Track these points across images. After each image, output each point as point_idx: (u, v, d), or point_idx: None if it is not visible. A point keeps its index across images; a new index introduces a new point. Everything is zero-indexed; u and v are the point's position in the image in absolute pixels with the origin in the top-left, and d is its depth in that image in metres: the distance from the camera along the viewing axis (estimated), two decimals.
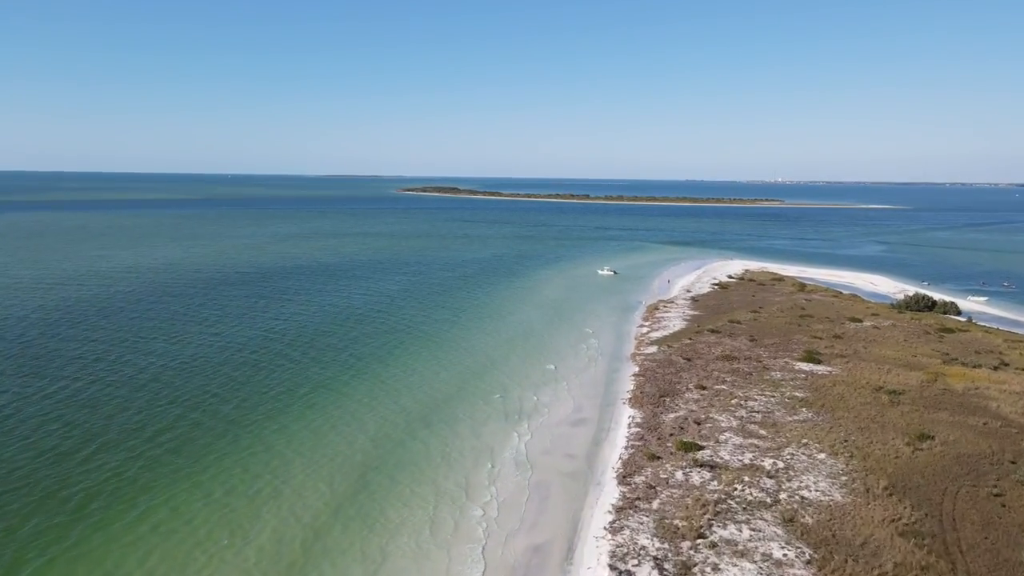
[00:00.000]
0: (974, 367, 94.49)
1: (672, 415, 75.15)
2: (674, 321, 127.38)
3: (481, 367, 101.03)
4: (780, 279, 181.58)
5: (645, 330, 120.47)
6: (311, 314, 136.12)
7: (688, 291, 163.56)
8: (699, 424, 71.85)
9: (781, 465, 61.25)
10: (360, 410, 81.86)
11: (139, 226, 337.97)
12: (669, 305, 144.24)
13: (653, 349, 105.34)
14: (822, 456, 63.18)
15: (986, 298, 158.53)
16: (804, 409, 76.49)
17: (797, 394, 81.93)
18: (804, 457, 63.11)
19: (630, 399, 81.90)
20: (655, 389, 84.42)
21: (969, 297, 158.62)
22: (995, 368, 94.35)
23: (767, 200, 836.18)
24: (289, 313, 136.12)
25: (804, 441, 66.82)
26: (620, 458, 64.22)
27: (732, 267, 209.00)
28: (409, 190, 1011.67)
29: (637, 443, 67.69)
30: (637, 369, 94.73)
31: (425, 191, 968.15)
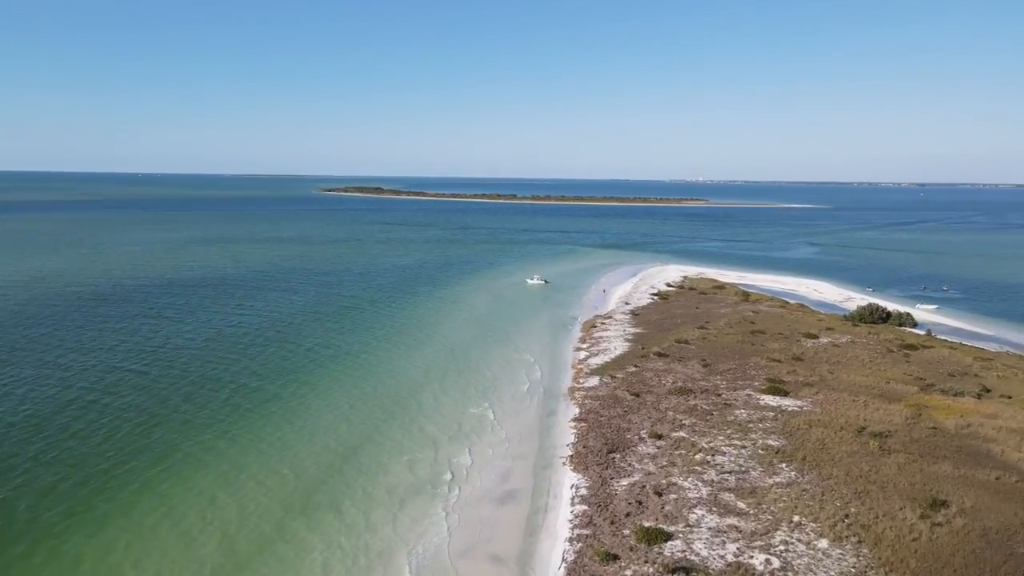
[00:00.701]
0: (955, 395, 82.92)
1: (625, 481, 59.44)
2: (615, 342, 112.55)
3: (398, 408, 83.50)
4: (721, 287, 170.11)
5: (583, 355, 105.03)
6: (195, 339, 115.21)
7: (626, 303, 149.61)
8: (660, 495, 56.36)
9: (776, 564, 46.20)
10: (243, 485, 62.53)
11: (16, 232, 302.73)
12: (607, 321, 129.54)
13: (595, 381, 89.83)
14: (824, 544, 48.54)
15: (935, 306, 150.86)
16: (784, 464, 62.15)
17: (771, 442, 67.70)
18: (802, 547, 48.31)
19: (572, 457, 65.82)
20: (601, 441, 68.63)
21: (918, 305, 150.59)
22: (978, 396, 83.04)
23: (692, 200, 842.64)
24: (169, 339, 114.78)
25: (796, 519, 52.15)
26: (564, 560, 47.80)
27: (669, 273, 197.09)
28: (330, 190, 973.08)
29: (584, 531, 51.51)
30: (578, 411, 78.86)
31: (347, 191, 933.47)
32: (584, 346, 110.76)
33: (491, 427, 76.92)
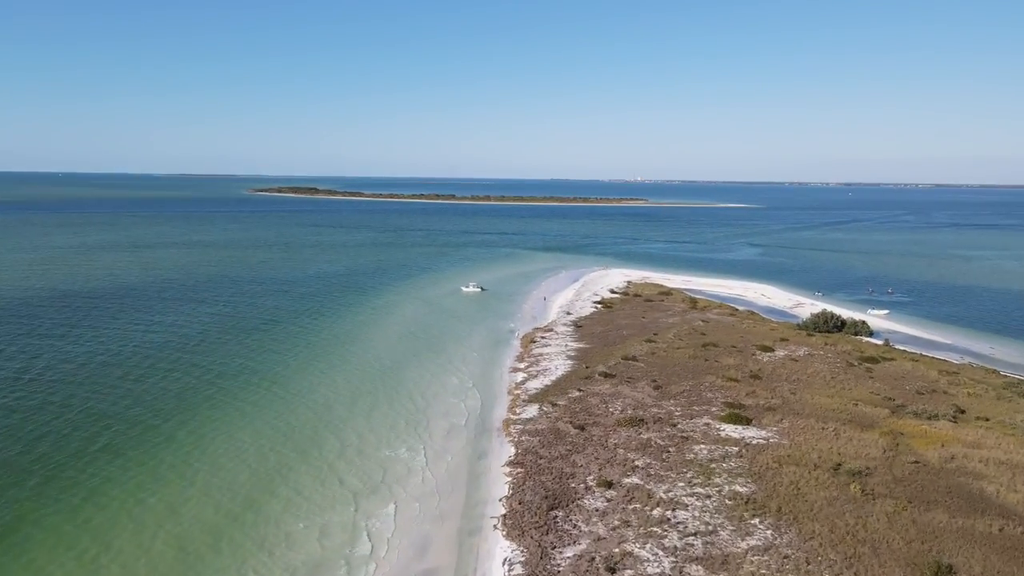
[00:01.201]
0: (930, 419, 75.48)
1: (570, 551, 48.88)
2: (556, 360, 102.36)
3: (315, 450, 71.48)
4: (667, 293, 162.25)
5: (521, 377, 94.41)
6: (85, 365, 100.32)
7: (568, 313, 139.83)
8: (614, 572, 45.97)
9: None
10: (103, 572, 49.77)
11: None
12: (548, 335, 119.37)
13: (533, 410, 79.27)
14: None
15: (886, 311, 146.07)
16: (757, 520, 52.64)
17: (739, 488, 58.28)
18: None
19: (505, 517, 54.77)
20: (541, 493, 57.88)
21: (869, 311, 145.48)
22: (954, 419, 75.77)
23: (632, 199, 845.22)
24: (51, 365, 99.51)
25: None
26: None
27: (612, 278, 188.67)
28: (262, 191, 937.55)
29: None
30: (514, 451, 68.00)
31: (280, 192, 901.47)
32: (522, 366, 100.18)
33: (420, 475, 65.39)
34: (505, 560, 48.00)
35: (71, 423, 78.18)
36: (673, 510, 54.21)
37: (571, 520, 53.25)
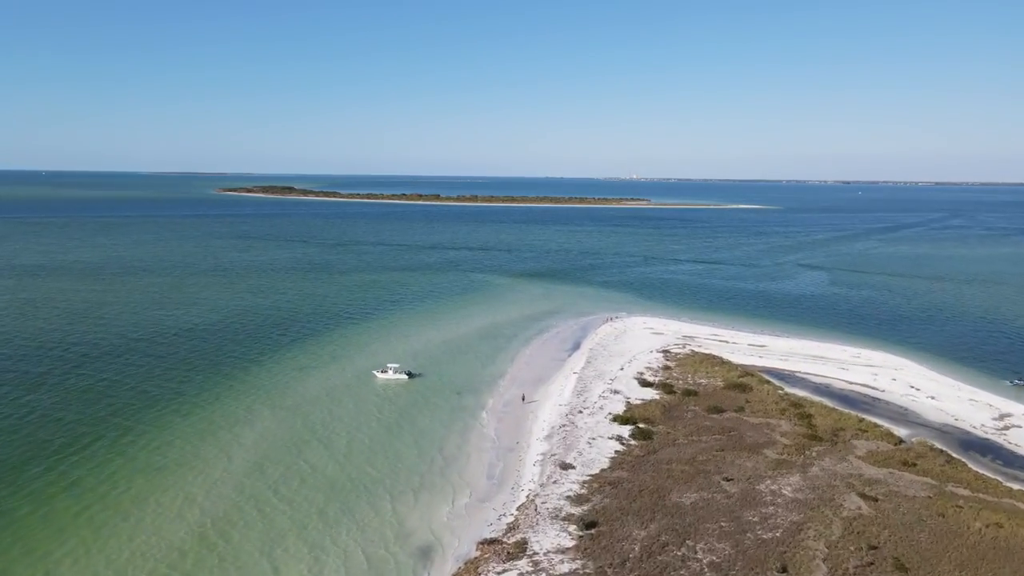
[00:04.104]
0: None
1: None
2: None
3: None
4: (744, 386, 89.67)
5: None
6: None
7: (564, 461, 67.51)
8: None
9: None
10: None
11: None
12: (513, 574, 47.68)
13: None
14: None
15: None
16: None
17: None
18: None
19: None
20: None
21: None
22: None
23: (633, 200, 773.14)
24: None
25: None
26: None
27: (636, 341, 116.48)
28: (230, 190, 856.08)
29: None
30: None
31: (250, 191, 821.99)
32: None
33: None
34: None
35: None
36: None
37: None
